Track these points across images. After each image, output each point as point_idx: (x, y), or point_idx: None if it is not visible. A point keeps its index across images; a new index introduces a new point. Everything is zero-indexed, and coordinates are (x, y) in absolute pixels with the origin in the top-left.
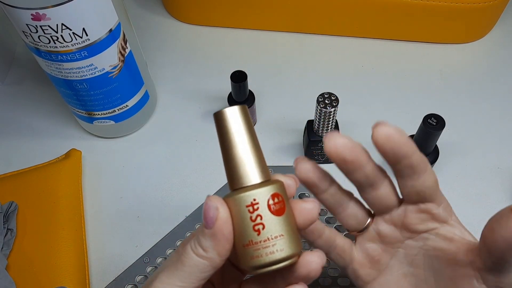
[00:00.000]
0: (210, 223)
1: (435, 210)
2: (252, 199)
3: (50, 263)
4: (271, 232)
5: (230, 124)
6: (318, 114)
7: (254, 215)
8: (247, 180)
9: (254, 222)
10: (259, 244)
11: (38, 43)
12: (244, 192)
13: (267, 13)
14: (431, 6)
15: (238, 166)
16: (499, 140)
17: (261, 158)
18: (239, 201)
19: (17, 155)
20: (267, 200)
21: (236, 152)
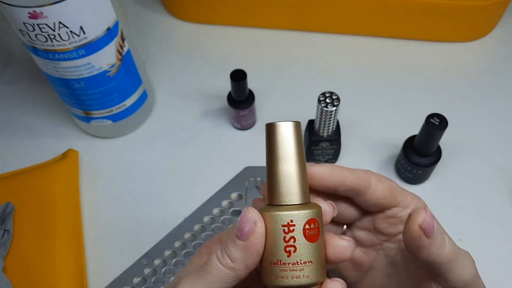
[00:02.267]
0: (245, 236)
1: (400, 214)
2: (289, 219)
3: (47, 264)
4: (301, 257)
5: (281, 139)
6: (319, 113)
7: (288, 236)
8: (288, 199)
9: (286, 243)
10: (287, 266)
11: (35, 41)
12: (283, 211)
13: (267, 11)
14: (433, 4)
15: (281, 182)
16: (502, 140)
17: (305, 179)
18: (276, 219)
19: (14, 155)
20: (304, 224)
21: (282, 168)
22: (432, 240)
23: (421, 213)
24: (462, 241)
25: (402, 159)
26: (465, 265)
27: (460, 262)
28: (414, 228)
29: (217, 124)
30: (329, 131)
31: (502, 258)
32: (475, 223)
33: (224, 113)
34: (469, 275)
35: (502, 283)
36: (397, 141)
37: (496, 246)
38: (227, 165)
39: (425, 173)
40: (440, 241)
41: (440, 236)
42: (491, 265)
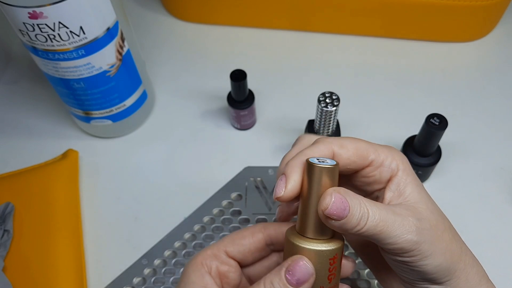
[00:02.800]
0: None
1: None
2: (335, 253)
3: (47, 264)
4: (336, 281)
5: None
6: (319, 113)
7: (332, 266)
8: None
9: (330, 272)
10: None
11: (35, 41)
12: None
13: (267, 11)
14: (433, 4)
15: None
16: (502, 140)
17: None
18: (325, 254)
19: (14, 155)
20: (340, 256)
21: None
22: (345, 221)
23: (326, 198)
24: None
25: None
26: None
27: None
28: (319, 212)
29: (217, 124)
30: (329, 131)
31: (502, 258)
32: (475, 223)
33: (224, 113)
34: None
35: (502, 283)
36: (397, 141)
37: (496, 246)
38: (227, 165)
39: (425, 173)
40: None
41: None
42: (491, 265)
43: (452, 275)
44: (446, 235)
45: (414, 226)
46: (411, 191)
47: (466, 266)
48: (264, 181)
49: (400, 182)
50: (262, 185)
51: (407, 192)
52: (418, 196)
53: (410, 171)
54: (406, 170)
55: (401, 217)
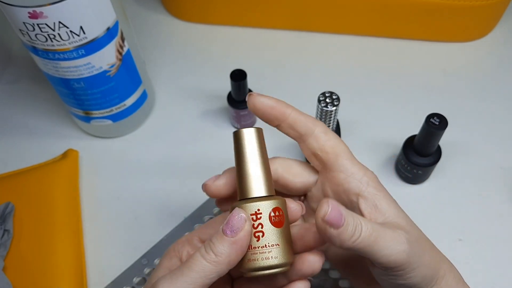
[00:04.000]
0: (235, 232)
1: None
2: (256, 208)
3: (47, 264)
4: (268, 241)
5: (245, 143)
6: (319, 113)
7: (256, 223)
8: (254, 192)
9: (255, 229)
10: (257, 250)
11: (35, 41)
12: (251, 202)
13: (267, 10)
14: (433, 4)
15: (247, 179)
16: (502, 140)
17: (268, 176)
18: (245, 209)
19: (14, 155)
20: (269, 212)
21: (247, 168)
22: (342, 229)
23: (323, 206)
24: (462, 241)
25: (402, 159)
26: (392, 246)
27: (384, 244)
28: (318, 221)
29: (217, 124)
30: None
31: (502, 258)
32: (475, 223)
33: (224, 113)
34: (397, 256)
35: (502, 283)
36: (397, 141)
37: (496, 246)
38: (227, 165)
39: (425, 173)
40: (353, 229)
41: (353, 223)
42: (491, 265)
43: (434, 283)
44: (428, 245)
45: (404, 238)
46: (388, 207)
47: (446, 272)
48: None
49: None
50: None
51: (383, 208)
52: (395, 211)
53: (381, 187)
54: (377, 187)
55: (392, 230)
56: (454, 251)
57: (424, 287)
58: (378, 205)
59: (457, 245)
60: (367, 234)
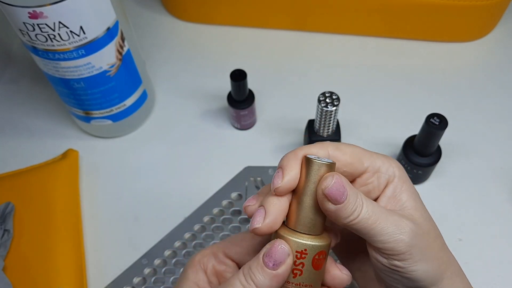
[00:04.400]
0: (277, 265)
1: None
2: (304, 248)
3: (47, 264)
4: (304, 280)
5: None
6: (319, 113)
7: (298, 261)
8: (308, 229)
9: (296, 266)
10: (290, 285)
11: (35, 41)
12: (301, 240)
13: (267, 10)
14: (433, 4)
15: (307, 213)
16: (502, 140)
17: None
18: (292, 244)
19: (14, 155)
20: (314, 254)
21: (310, 201)
22: (340, 207)
23: (327, 179)
24: (462, 241)
25: (402, 159)
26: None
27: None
28: (319, 192)
29: (217, 124)
30: (329, 131)
31: (502, 258)
32: (475, 223)
33: (224, 113)
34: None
35: (502, 283)
36: (397, 141)
37: (496, 246)
38: (227, 165)
39: (425, 173)
40: (353, 209)
41: (354, 203)
42: (491, 265)
43: (439, 284)
44: (437, 243)
45: (408, 228)
46: (407, 198)
47: (452, 275)
48: (264, 181)
49: (396, 188)
50: (262, 185)
51: (403, 199)
52: (413, 203)
53: (406, 178)
54: (402, 177)
55: (397, 217)
56: (454, 251)
57: (428, 285)
58: (397, 195)
59: (457, 245)
60: (365, 216)
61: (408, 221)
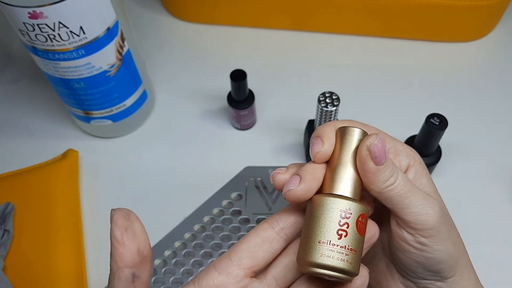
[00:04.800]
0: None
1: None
2: (348, 207)
3: (47, 264)
4: (350, 243)
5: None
6: (319, 113)
7: (343, 221)
8: (350, 192)
9: (340, 227)
10: (335, 247)
11: (35, 41)
12: (345, 199)
13: (267, 11)
14: (433, 4)
15: (347, 177)
16: (502, 140)
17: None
18: (336, 203)
19: (14, 155)
20: (358, 216)
21: (350, 166)
22: (381, 168)
23: (372, 136)
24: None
25: None
26: (423, 206)
27: (415, 201)
28: (362, 148)
29: (217, 124)
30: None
31: (502, 258)
32: (475, 223)
33: (224, 113)
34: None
35: (502, 283)
36: None
37: (496, 246)
38: (227, 165)
39: None
40: (390, 173)
41: (391, 168)
42: (491, 265)
43: (457, 271)
44: (456, 230)
45: (437, 204)
46: (427, 183)
47: (468, 263)
48: (264, 181)
49: (417, 172)
50: (262, 185)
51: (423, 182)
52: (434, 188)
53: (425, 166)
54: (422, 164)
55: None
56: None
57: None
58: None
59: None
60: (401, 183)
61: (435, 199)
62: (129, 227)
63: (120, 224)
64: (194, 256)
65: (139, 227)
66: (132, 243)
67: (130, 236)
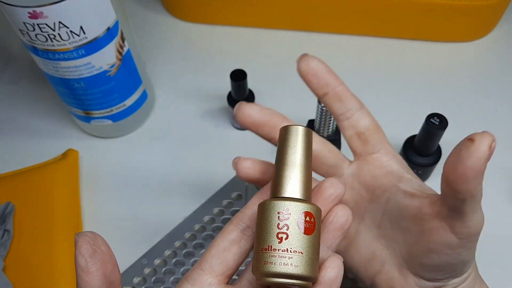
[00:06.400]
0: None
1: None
2: (285, 208)
3: (47, 264)
4: (292, 245)
5: (291, 140)
6: (319, 113)
7: (282, 223)
8: (288, 192)
9: (279, 229)
10: (277, 252)
11: (35, 41)
12: (281, 200)
13: (267, 10)
14: (433, 4)
15: (284, 178)
16: (502, 140)
17: (308, 181)
18: (272, 206)
19: (14, 155)
20: (299, 215)
21: (287, 166)
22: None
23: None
24: None
25: None
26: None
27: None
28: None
29: (217, 124)
30: (329, 131)
31: (502, 258)
32: None
33: (224, 113)
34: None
35: (502, 283)
36: (397, 141)
37: (496, 246)
38: (227, 165)
39: (425, 173)
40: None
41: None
42: (491, 265)
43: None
44: None
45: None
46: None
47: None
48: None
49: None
50: (262, 185)
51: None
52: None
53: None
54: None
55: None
56: None
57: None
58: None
59: None
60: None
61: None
62: (94, 253)
63: (84, 251)
64: (194, 256)
65: (105, 252)
66: (98, 271)
67: (95, 263)
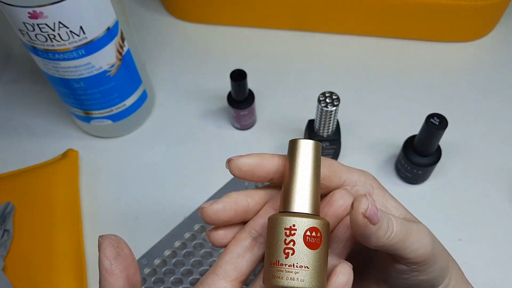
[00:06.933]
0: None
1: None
2: (292, 224)
3: (47, 264)
4: (298, 260)
5: (299, 154)
6: (319, 113)
7: (288, 238)
8: (295, 207)
9: (286, 245)
10: (284, 267)
11: (35, 41)
12: (288, 216)
13: (267, 10)
14: (433, 4)
15: (292, 192)
16: (502, 140)
17: (316, 195)
18: (280, 222)
19: (14, 155)
20: (305, 230)
21: (295, 180)
22: (379, 225)
23: (362, 201)
24: (462, 241)
25: (402, 159)
26: (419, 239)
27: (413, 238)
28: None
29: (217, 124)
30: (329, 131)
31: (502, 258)
32: (475, 223)
33: (224, 113)
34: (425, 249)
35: (502, 283)
36: (397, 141)
37: (496, 246)
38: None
39: (425, 173)
40: (387, 224)
41: (386, 219)
42: (491, 265)
43: (446, 276)
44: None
45: (427, 229)
46: (396, 204)
47: (454, 264)
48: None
49: (379, 198)
50: (262, 185)
51: (393, 205)
52: (402, 208)
53: (384, 189)
54: (380, 187)
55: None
56: (454, 251)
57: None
58: (387, 204)
59: (457, 245)
60: (398, 228)
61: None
62: (118, 255)
63: (109, 253)
64: (194, 256)
65: (128, 255)
66: (122, 272)
67: (119, 265)
